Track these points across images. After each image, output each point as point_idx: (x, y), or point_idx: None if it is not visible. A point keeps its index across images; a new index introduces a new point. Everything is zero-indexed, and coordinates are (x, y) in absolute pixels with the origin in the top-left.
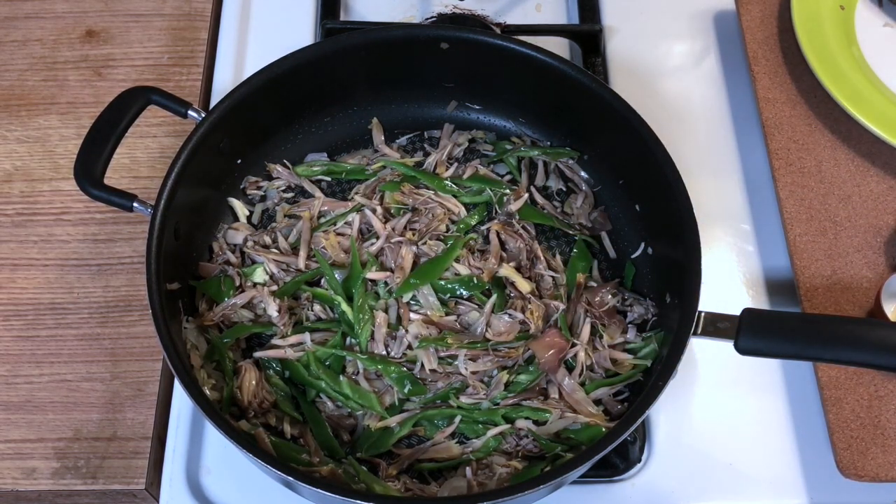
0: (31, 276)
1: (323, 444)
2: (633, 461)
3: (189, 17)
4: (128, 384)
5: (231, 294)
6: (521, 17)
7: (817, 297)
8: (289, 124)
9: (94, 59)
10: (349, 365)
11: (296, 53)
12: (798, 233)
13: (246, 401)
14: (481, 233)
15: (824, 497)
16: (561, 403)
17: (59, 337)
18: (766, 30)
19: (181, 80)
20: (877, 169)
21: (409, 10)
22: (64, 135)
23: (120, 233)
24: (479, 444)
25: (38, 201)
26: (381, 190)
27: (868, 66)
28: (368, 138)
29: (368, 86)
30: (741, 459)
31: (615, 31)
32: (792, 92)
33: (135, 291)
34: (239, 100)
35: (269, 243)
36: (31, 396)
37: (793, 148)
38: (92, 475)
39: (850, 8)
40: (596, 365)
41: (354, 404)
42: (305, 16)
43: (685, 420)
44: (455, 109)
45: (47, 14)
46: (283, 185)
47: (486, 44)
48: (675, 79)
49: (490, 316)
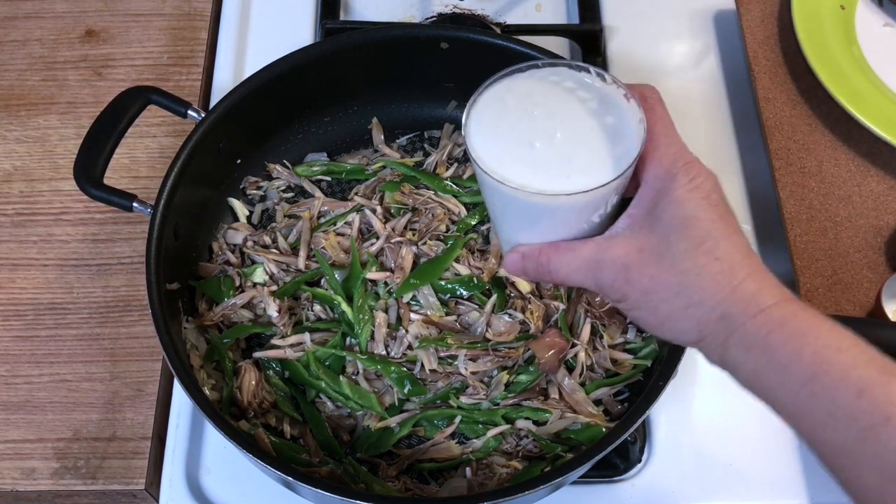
0: (30, 276)
1: (323, 444)
2: (634, 461)
3: (189, 17)
4: (127, 384)
5: (231, 294)
6: (521, 17)
7: (817, 297)
8: (289, 124)
9: (93, 59)
10: (349, 365)
11: (296, 53)
12: (798, 233)
13: (246, 401)
14: (481, 233)
15: (824, 497)
16: (561, 403)
17: (59, 337)
18: (766, 30)
19: (181, 80)
20: (877, 169)
21: (409, 10)
22: (63, 135)
23: (120, 233)
24: (479, 444)
25: (38, 201)
26: (381, 190)
27: (868, 66)
28: (368, 138)
29: (368, 86)
30: (741, 459)
31: (615, 31)
32: (792, 92)
33: (135, 291)
34: (239, 100)
35: (269, 243)
36: (30, 396)
37: (793, 148)
38: (92, 475)
39: (851, 8)
40: (596, 365)
41: (354, 404)
42: (305, 16)
43: (685, 420)
44: (455, 109)
45: (47, 14)
46: (283, 185)
47: (486, 44)
48: (676, 79)
49: (490, 316)
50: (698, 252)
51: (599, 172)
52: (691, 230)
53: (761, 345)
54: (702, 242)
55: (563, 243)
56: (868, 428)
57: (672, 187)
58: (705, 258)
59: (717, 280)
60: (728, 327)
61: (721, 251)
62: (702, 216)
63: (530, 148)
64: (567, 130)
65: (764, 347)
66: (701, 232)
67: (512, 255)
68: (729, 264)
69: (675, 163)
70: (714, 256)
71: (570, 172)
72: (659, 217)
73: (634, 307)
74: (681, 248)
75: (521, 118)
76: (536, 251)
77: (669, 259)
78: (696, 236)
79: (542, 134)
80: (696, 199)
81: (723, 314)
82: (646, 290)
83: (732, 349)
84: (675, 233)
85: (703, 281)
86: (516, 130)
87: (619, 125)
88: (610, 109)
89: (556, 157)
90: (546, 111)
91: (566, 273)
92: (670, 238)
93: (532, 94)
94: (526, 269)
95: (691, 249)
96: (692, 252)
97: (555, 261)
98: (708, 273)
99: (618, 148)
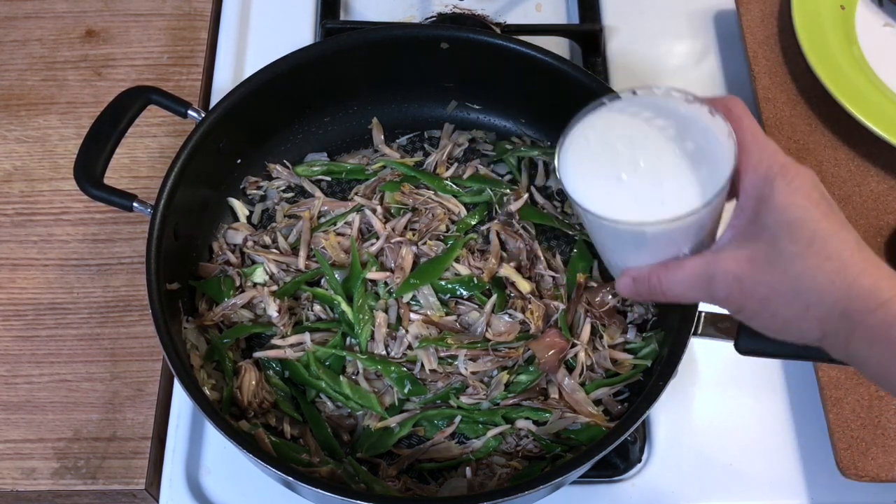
0: (30, 276)
1: (323, 444)
2: (634, 461)
3: (189, 17)
4: (127, 384)
5: (231, 294)
6: (521, 17)
7: None
8: (289, 124)
9: (93, 59)
10: (349, 365)
11: (296, 53)
12: None
13: (246, 401)
14: (481, 233)
15: (824, 497)
16: (561, 403)
17: (59, 337)
18: (766, 30)
19: (181, 79)
20: (877, 169)
21: (409, 10)
22: (63, 135)
23: (120, 233)
24: (479, 444)
25: (38, 201)
26: (381, 190)
27: (868, 66)
28: (368, 138)
29: (368, 86)
30: (741, 459)
31: (615, 31)
32: (792, 92)
33: (135, 291)
34: (239, 100)
35: (269, 243)
36: (30, 396)
37: (793, 148)
38: (92, 475)
39: (851, 8)
40: (596, 365)
41: (354, 404)
42: (305, 16)
43: (685, 420)
44: (455, 109)
45: (47, 14)
46: (283, 185)
47: (486, 44)
48: (676, 78)
49: (490, 316)
50: (808, 254)
51: (691, 194)
52: (798, 233)
53: (885, 338)
54: (810, 244)
55: (673, 262)
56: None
57: (771, 193)
58: (816, 259)
59: (832, 279)
60: (849, 324)
61: (831, 249)
62: (806, 217)
63: (618, 181)
64: (650, 158)
65: (888, 341)
66: (807, 233)
67: (623, 280)
68: (841, 262)
69: (770, 168)
70: (825, 256)
71: (664, 198)
72: (763, 225)
73: (754, 316)
74: (791, 253)
75: (605, 153)
76: (647, 274)
77: (781, 265)
78: (804, 238)
79: (627, 165)
80: (797, 201)
81: (843, 311)
82: (763, 298)
83: (855, 344)
84: (783, 238)
85: (819, 282)
86: (602, 166)
87: (704, 144)
88: (692, 130)
89: (646, 185)
90: (626, 142)
91: (680, 291)
92: (778, 244)
93: (612, 127)
94: (639, 291)
95: (801, 252)
96: (802, 255)
97: (666, 281)
98: (822, 273)
99: (707, 166)
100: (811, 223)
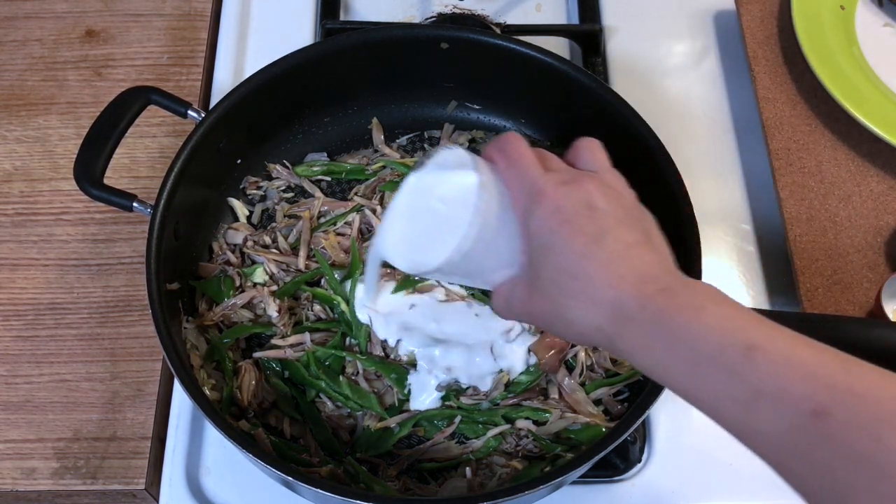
0: (30, 276)
1: (323, 444)
2: (634, 461)
3: (189, 17)
4: (127, 384)
5: (231, 294)
6: (521, 17)
7: (817, 297)
8: (289, 124)
9: (93, 59)
10: (349, 365)
11: (296, 53)
12: (798, 233)
13: (246, 401)
14: None
15: None
16: (561, 403)
17: (59, 337)
18: (766, 30)
19: (181, 80)
20: (877, 169)
21: (409, 10)
22: (63, 135)
23: (120, 233)
24: (479, 444)
25: (38, 201)
26: (381, 190)
27: (868, 66)
28: (368, 138)
29: (368, 86)
30: (741, 459)
31: (615, 31)
32: (792, 92)
33: (135, 291)
34: (239, 100)
35: (269, 243)
36: (30, 396)
37: (793, 148)
38: (92, 475)
39: (851, 8)
40: (596, 365)
41: (354, 405)
42: (305, 16)
43: (685, 420)
44: (455, 109)
45: (47, 14)
46: (283, 185)
47: (486, 44)
48: (675, 79)
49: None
50: (561, 277)
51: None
52: (550, 258)
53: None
54: (559, 266)
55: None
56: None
57: (529, 224)
58: (564, 278)
59: (581, 299)
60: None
61: (577, 269)
62: (555, 241)
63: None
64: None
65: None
66: (557, 256)
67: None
68: (587, 280)
69: (528, 201)
70: (571, 276)
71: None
72: (532, 250)
73: (547, 328)
74: (547, 278)
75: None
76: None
77: (541, 290)
78: (554, 262)
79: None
80: (545, 226)
81: (598, 327)
82: (538, 317)
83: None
84: (540, 264)
85: (572, 303)
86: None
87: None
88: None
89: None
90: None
91: (501, 314)
92: (540, 272)
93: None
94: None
95: (554, 276)
96: (555, 279)
97: (494, 305)
98: (572, 294)
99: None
100: (559, 245)
